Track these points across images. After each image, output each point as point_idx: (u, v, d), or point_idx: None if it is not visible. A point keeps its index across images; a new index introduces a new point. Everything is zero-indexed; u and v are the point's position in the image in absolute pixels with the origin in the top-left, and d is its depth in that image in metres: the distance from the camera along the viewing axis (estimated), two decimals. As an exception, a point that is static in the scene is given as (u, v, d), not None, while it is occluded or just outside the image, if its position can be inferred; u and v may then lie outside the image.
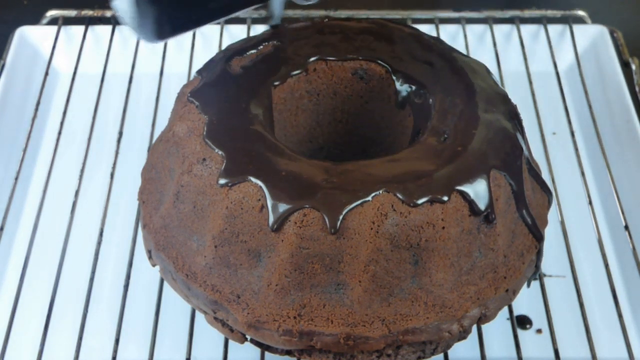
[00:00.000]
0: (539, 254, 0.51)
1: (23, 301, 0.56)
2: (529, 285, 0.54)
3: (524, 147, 0.51)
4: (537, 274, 0.53)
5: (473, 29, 0.77)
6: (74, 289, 0.58)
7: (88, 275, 0.57)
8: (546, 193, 0.54)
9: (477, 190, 0.47)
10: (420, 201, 0.45)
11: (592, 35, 0.77)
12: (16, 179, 0.63)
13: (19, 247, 0.62)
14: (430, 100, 0.52)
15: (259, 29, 0.75)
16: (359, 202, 0.45)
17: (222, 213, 0.47)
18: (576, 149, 0.66)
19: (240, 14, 0.52)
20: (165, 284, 0.55)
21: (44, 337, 0.53)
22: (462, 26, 0.76)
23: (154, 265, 0.52)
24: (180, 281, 0.49)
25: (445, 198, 0.46)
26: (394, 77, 0.54)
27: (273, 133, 0.52)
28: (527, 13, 0.78)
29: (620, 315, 0.55)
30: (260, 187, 0.46)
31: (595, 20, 0.78)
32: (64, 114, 0.68)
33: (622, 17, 0.86)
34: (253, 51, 0.54)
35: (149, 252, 0.52)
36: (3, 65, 0.71)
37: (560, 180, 0.64)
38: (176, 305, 0.56)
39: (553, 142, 0.69)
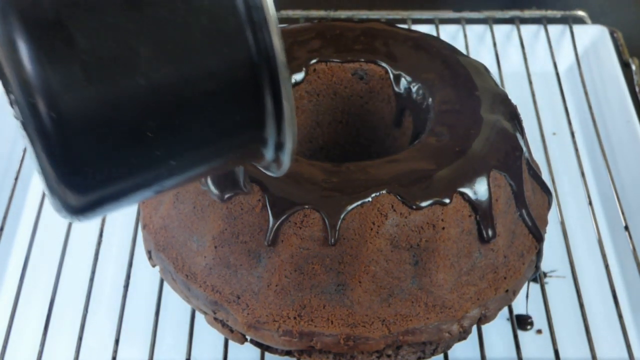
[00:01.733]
0: (539, 254, 0.51)
1: (23, 301, 0.56)
2: (527, 295, 0.54)
3: (524, 148, 0.51)
4: (537, 275, 0.53)
5: (473, 29, 0.77)
6: (74, 289, 0.58)
7: (88, 275, 0.57)
8: (546, 193, 0.54)
9: (477, 190, 0.47)
10: (423, 204, 0.45)
11: (592, 36, 0.77)
12: (16, 179, 0.63)
13: (19, 247, 0.62)
14: (430, 100, 0.52)
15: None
16: (359, 202, 0.45)
17: (222, 214, 0.47)
18: (576, 149, 0.66)
19: None
20: (165, 284, 0.55)
21: (44, 337, 0.53)
22: (462, 26, 0.76)
23: (154, 266, 0.52)
24: (180, 281, 0.49)
25: (447, 200, 0.46)
26: (392, 78, 0.54)
27: (273, 133, 0.51)
28: (527, 13, 0.78)
29: (620, 316, 0.55)
30: (260, 187, 0.46)
31: (595, 20, 0.78)
32: (64, 114, 0.68)
33: (622, 17, 0.86)
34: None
35: (149, 252, 0.52)
36: (3, 65, 0.71)
37: (560, 180, 0.64)
38: (176, 306, 0.56)
39: (553, 142, 0.69)
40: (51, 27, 0.28)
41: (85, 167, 0.30)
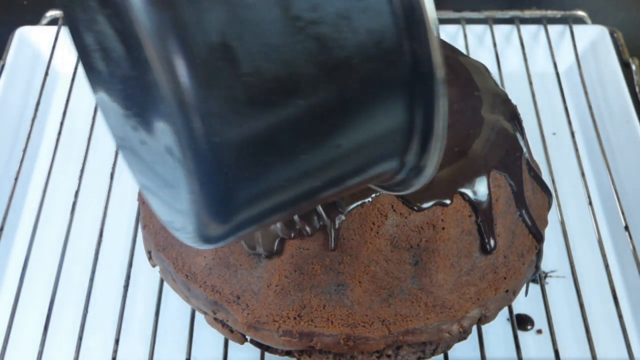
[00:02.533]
0: (539, 254, 0.51)
1: (23, 301, 0.56)
2: (526, 294, 0.54)
3: (524, 148, 0.51)
4: (537, 275, 0.53)
5: (473, 29, 0.77)
6: (74, 289, 0.58)
7: (88, 275, 0.57)
8: (546, 194, 0.54)
9: (478, 191, 0.47)
10: (425, 205, 0.45)
11: (592, 36, 0.77)
12: (16, 179, 0.63)
13: (19, 247, 0.62)
14: (431, 100, 0.52)
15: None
16: (358, 202, 0.45)
17: (222, 213, 0.47)
18: (576, 149, 0.66)
19: None
20: (165, 285, 0.55)
21: (44, 337, 0.53)
22: (462, 26, 0.76)
23: (153, 266, 0.52)
24: (180, 282, 0.49)
25: (448, 201, 0.46)
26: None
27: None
28: (527, 13, 0.78)
29: (620, 316, 0.55)
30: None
31: (595, 20, 0.78)
32: (64, 114, 0.68)
33: (622, 17, 0.86)
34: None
35: (149, 252, 0.52)
36: (3, 66, 0.71)
37: (560, 180, 0.64)
38: (176, 306, 0.56)
39: (553, 142, 0.69)
40: (215, 49, 0.26)
41: (236, 194, 0.29)
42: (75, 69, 0.72)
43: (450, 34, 0.77)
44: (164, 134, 0.28)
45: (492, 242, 0.47)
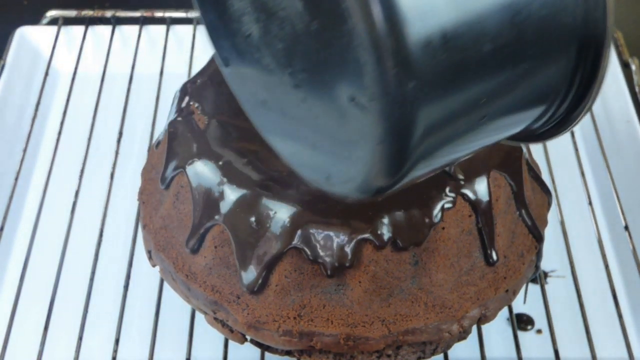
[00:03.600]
0: (539, 254, 0.51)
1: (23, 301, 0.56)
2: (525, 300, 0.54)
3: (524, 148, 0.51)
4: (537, 275, 0.53)
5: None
6: (74, 289, 0.58)
7: (88, 275, 0.57)
8: (546, 193, 0.54)
9: (477, 190, 0.47)
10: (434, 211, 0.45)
11: (592, 35, 0.76)
12: (16, 179, 0.63)
13: (19, 247, 0.62)
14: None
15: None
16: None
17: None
18: (576, 149, 0.66)
19: None
20: (165, 284, 0.55)
21: (44, 337, 0.53)
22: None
23: (154, 266, 0.52)
24: (180, 281, 0.49)
25: (450, 204, 0.46)
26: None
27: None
28: (527, 13, 0.78)
29: (620, 316, 0.55)
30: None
31: (596, 20, 0.78)
32: (64, 114, 0.68)
33: (622, 17, 0.86)
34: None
35: (149, 252, 0.52)
36: (3, 65, 0.71)
37: (560, 180, 0.64)
38: (176, 306, 0.56)
39: (553, 142, 0.69)
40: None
41: (416, 144, 0.29)
42: (75, 69, 0.72)
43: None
44: (350, 83, 0.28)
45: (494, 255, 0.47)
